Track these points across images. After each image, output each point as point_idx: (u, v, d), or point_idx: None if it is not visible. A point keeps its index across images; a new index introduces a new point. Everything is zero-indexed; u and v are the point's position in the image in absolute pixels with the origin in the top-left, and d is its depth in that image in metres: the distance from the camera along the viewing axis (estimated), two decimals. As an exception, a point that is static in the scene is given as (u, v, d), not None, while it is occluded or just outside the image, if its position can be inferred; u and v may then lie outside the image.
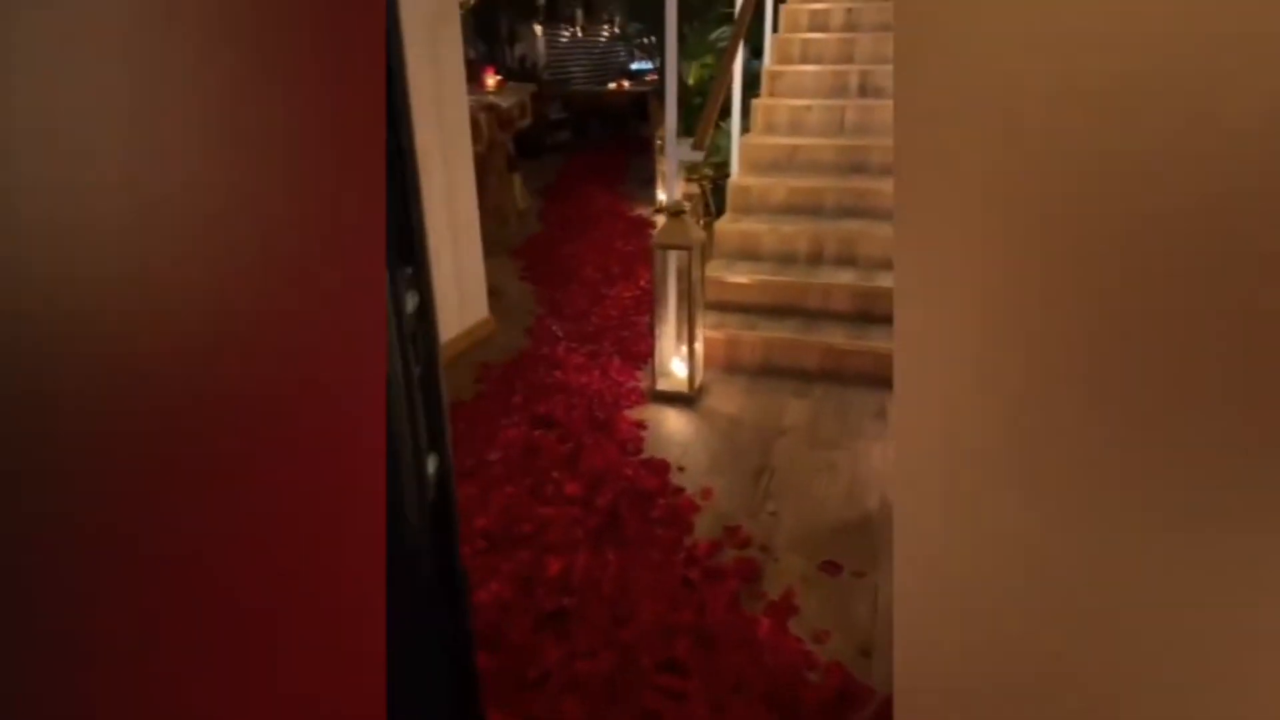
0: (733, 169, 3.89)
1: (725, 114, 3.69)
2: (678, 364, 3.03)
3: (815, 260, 3.48)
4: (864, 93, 4.10)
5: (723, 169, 4.31)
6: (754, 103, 4.14)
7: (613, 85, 8.42)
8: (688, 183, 4.36)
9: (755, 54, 4.55)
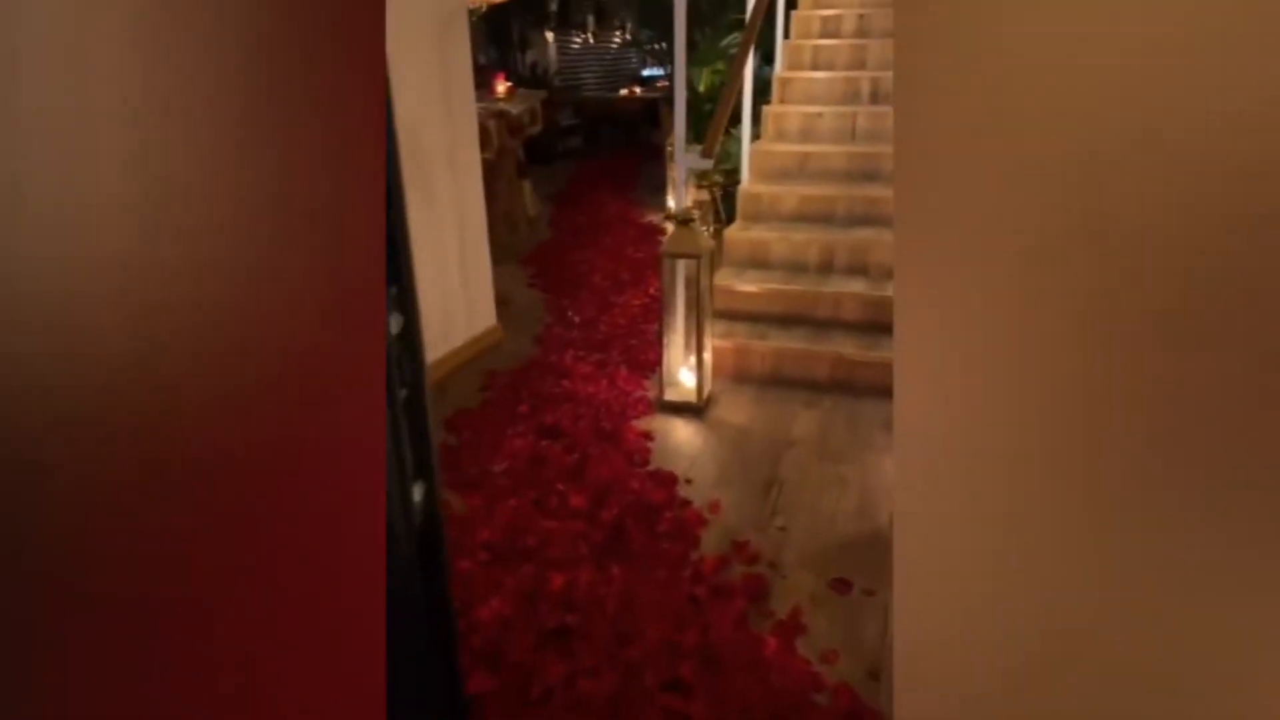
0: (743, 176, 3.86)
1: (736, 121, 3.66)
2: (686, 373, 3.00)
3: (826, 269, 3.44)
4: (876, 99, 4.06)
5: (733, 176, 4.29)
6: (765, 109, 4.10)
7: (624, 91, 8.43)
8: (698, 190, 4.33)
9: (766, 60, 4.53)
